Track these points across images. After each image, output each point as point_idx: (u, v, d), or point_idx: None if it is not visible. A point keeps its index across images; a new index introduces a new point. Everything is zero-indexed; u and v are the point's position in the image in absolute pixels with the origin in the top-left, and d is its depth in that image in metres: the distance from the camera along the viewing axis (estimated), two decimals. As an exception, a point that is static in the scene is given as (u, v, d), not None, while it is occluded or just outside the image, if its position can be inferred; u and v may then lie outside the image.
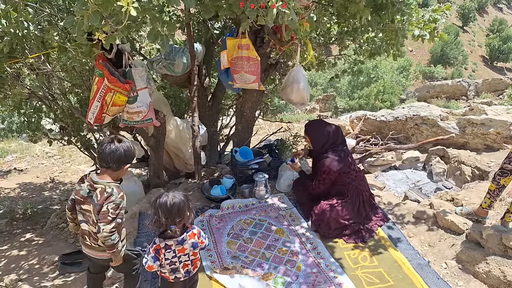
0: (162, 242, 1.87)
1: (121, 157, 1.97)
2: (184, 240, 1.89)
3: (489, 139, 5.00)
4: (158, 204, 1.83)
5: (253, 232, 3.05)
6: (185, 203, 1.85)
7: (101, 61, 2.84)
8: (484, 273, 2.55)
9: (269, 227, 3.10)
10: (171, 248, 1.87)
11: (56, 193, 5.77)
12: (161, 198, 1.84)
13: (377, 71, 15.98)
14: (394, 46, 3.61)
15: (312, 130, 3.12)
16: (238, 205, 3.31)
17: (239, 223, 3.13)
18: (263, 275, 2.61)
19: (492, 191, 2.95)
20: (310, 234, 3.02)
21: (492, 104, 11.55)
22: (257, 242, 2.93)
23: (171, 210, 1.80)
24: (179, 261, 1.92)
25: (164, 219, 1.80)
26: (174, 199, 1.82)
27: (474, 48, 39.01)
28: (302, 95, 3.19)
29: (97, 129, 3.99)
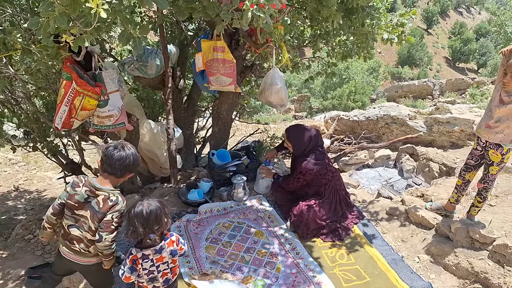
0: (139, 252, 1.81)
1: (129, 165, 1.92)
2: (163, 248, 1.85)
3: (454, 137, 5.23)
4: (133, 214, 1.76)
5: (232, 235, 3.04)
6: (161, 210, 1.81)
7: (69, 64, 2.74)
8: (453, 265, 2.66)
9: (248, 230, 3.10)
10: (148, 258, 1.83)
11: (21, 202, 5.50)
12: (136, 208, 1.77)
13: (349, 72, 16.36)
14: (364, 48, 3.71)
15: (293, 136, 3.13)
16: (216, 209, 3.29)
17: (217, 227, 3.11)
18: (243, 279, 2.60)
19: (459, 186, 3.09)
20: (288, 234, 3.05)
21: (455, 102, 12.07)
22: (236, 245, 2.93)
23: (148, 218, 1.75)
24: (158, 270, 1.88)
25: (141, 229, 1.74)
26: (150, 207, 1.77)
27: (438, 49, 40.73)
28: (281, 96, 3.21)
29: (64, 134, 3.84)
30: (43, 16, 1.81)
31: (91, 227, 1.88)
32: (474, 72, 36.54)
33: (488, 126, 2.69)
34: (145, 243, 1.83)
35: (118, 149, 1.89)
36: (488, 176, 2.82)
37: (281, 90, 3.13)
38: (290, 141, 3.14)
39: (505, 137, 2.62)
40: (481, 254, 2.64)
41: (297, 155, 3.15)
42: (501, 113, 2.60)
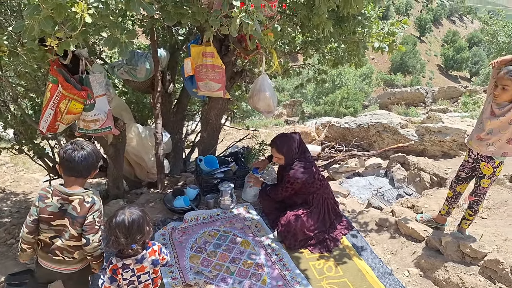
0: (120, 262, 1.76)
1: (93, 163, 1.89)
2: (144, 258, 1.79)
3: (446, 146, 5.23)
4: (114, 224, 1.70)
5: (217, 244, 2.97)
6: (143, 218, 1.76)
7: (56, 67, 2.67)
8: (444, 280, 2.62)
9: (234, 239, 3.03)
10: (129, 268, 1.77)
11: (6, 204, 5.38)
12: (117, 217, 1.71)
13: (341, 78, 16.41)
14: (355, 56, 3.69)
15: (284, 147, 3.05)
16: (202, 217, 3.22)
17: (202, 236, 3.04)
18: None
19: (450, 198, 3.06)
20: (276, 245, 2.99)
21: (448, 111, 12.16)
22: (221, 255, 2.86)
23: (131, 228, 1.69)
24: (139, 280, 1.82)
25: (123, 239, 1.69)
26: (132, 216, 1.72)
27: (431, 57, 41.16)
28: (268, 103, 3.15)
29: (51, 136, 3.75)
30: (28, 19, 1.75)
31: (73, 234, 1.84)
32: (467, 80, 36.99)
33: (479, 138, 2.67)
34: (126, 253, 1.77)
35: (77, 150, 1.83)
36: (479, 189, 2.79)
37: (268, 97, 3.08)
38: (280, 153, 3.06)
39: (497, 149, 2.60)
40: (472, 269, 2.60)
41: (287, 163, 3.09)
42: (492, 126, 2.57)
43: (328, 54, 3.98)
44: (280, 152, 3.06)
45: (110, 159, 3.52)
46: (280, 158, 3.10)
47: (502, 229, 3.07)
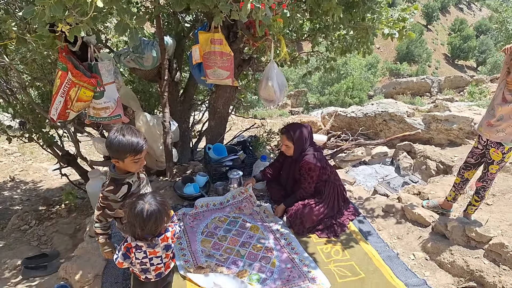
0: (133, 242, 1.80)
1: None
2: (156, 244, 1.82)
3: (452, 135, 5.22)
4: (133, 213, 1.72)
5: (227, 229, 3.02)
6: (162, 212, 1.75)
7: (65, 54, 2.70)
8: (449, 263, 2.66)
9: (244, 224, 3.08)
10: (141, 249, 1.81)
11: (17, 192, 5.48)
12: (137, 207, 1.72)
13: (347, 68, 16.29)
14: (364, 43, 3.67)
15: (296, 135, 3.01)
16: (213, 203, 3.27)
17: (213, 221, 3.10)
18: (238, 273, 2.58)
19: (457, 184, 3.09)
20: (284, 229, 3.03)
21: (453, 100, 12.07)
22: (231, 239, 2.91)
23: (148, 221, 1.71)
24: (151, 263, 1.86)
25: (139, 230, 1.72)
26: (151, 208, 1.72)
27: (437, 46, 40.64)
28: (269, 92, 3.12)
29: (60, 125, 3.80)
30: (38, 4, 1.76)
31: None
32: (473, 69, 36.55)
33: (489, 125, 2.68)
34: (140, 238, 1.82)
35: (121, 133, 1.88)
36: (487, 175, 2.82)
37: (270, 86, 3.04)
38: (291, 140, 3.03)
39: (506, 136, 2.61)
40: (477, 253, 2.64)
41: (296, 154, 3.07)
42: (503, 112, 2.58)
43: (337, 42, 3.95)
44: (290, 140, 3.02)
45: (120, 147, 3.56)
46: (289, 147, 3.06)
47: (507, 215, 3.09)
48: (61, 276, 2.55)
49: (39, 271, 2.79)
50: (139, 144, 1.88)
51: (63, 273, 2.54)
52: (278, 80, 2.98)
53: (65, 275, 2.53)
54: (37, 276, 2.75)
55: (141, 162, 1.95)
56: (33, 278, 2.74)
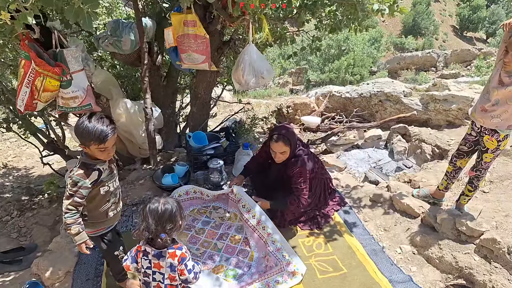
0: (143, 246, 1.74)
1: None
2: (163, 256, 1.71)
3: (451, 115, 4.99)
4: (148, 210, 1.68)
5: (205, 222, 2.92)
6: (177, 210, 1.72)
7: (27, 42, 2.52)
8: (437, 258, 2.53)
9: (224, 214, 2.97)
10: (148, 257, 1.73)
11: (8, 179, 5.42)
12: (151, 204, 1.69)
13: (348, 43, 15.79)
14: (355, 20, 3.44)
15: (292, 139, 2.73)
16: (193, 190, 3.10)
17: (191, 213, 2.99)
18: (213, 268, 2.50)
19: (449, 173, 2.92)
20: (263, 217, 2.81)
21: (459, 75, 11.70)
22: (209, 232, 2.82)
23: (163, 215, 1.67)
24: (153, 277, 1.75)
25: (154, 226, 1.65)
26: (166, 205, 1.70)
27: (445, 18, 39.32)
28: (238, 75, 2.87)
29: (37, 114, 3.65)
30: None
31: None
32: (483, 41, 35.42)
33: (483, 110, 2.46)
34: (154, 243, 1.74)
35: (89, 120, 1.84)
36: (481, 164, 2.63)
37: (240, 69, 2.82)
38: (288, 145, 2.71)
39: (502, 122, 2.39)
40: (467, 248, 2.50)
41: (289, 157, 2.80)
42: (499, 96, 2.35)
43: (327, 19, 3.71)
44: (288, 145, 2.71)
45: (97, 136, 3.42)
46: (285, 153, 2.75)
47: (504, 204, 2.93)
48: (34, 272, 2.50)
49: (14, 266, 2.74)
50: (103, 133, 1.81)
51: (35, 269, 2.49)
52: (254, 64, 2.76)
53: (37, 271, 2.48)
54: (12, 271, 2.69)
55: (108, 151, 1.91)
56: (8, 272, 2.68)
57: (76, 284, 2.36)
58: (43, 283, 2.40)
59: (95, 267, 2.48)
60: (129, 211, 3.00)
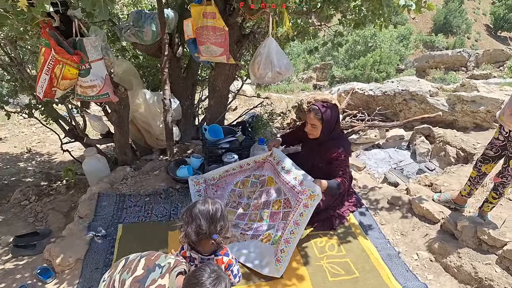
0: (188, 251, 1.72)
1: None
2: (210, 262, 1.69)
3: (479, 118, 4.76)
4: (197, 211, 1.63)
5: (250, 195, 2.96)
6: (224, 210, 1.69)
7: (48, 30, 2.55)
8: (455, 267, 2.41)
9: (264, 181, 2.93)
10: (194, 262, 1.72)
11: (31, 164, 5.58)
12: (200, 205, 1.64)
13: (376, 40, 15.39)
14: (380, 16, 3.31)
15: (328, 114, 2.64)
16: (232, 168, 3.03)
17: (235, 187, 2.99)
18: (262, 238, 2.57)
19: (473, 179, 2.78)
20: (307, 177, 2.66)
21: (491, 76, 11.20)
22: (254, 205, 2.85)
23: (214, 216, 1.63)
24: None
25: (206, 227, 1.60)
26: (216, 205, 1.66)
27: (479, 16, 37.77)
28: (253, 68, 2.82)
29: (58, 101, 3.71)
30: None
31: None
32: (518, 42, 33.84)
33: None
34: (198, 248, 1.70)
35: None
36: (507, 170, 2.49)
37: (256, 62, 2.75)
38: (320, 120, 2.63)
39: None
40: (488, 258, 2.36)
41: (321, 140, 2.72)
42: None
43: (351, 14, 3.59)
44: (320, 119, 2.62)
45: (115, 126, 3.46)
46: (315, 127, 2.67)
47: (530, 214, 2.76)
48: (45, 258, 2.53)
49: (28, 250, 2.78)
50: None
51: (47, 254, 2.52)
52: (272, 58, 2.68)
53: (49, 257, 2.51)
54: (26, 255, 2.74)
55: None
56: (22, 256, 2.73)
57: (86, 272, 2.37)
58: (53, 269, 2.43)
59: (104, 256, 2.50)
60: (142, 201, 3.01)
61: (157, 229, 2.75)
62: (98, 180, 3.25)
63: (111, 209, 2.93)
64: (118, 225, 2.77)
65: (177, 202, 3.04)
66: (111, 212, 2.90)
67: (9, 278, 2.46)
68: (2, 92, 4.05)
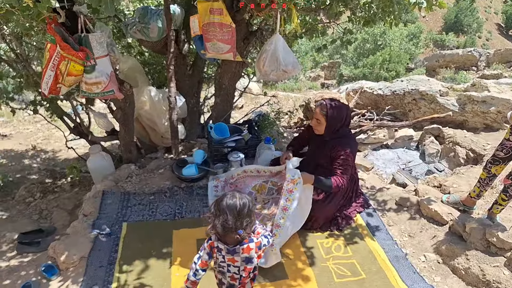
0: (216, 242, 1.71)
1: None
2: (236, 252, 1.68)
3: (489, 118, 4.67)
4: (225, 205, 1.62)
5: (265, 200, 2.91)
6: (252, 205, 1.68)
7: (53, 26, 2.54)
8: (463, 269, 2.36)
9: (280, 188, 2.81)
10: (221, 253, 1.71)
11: (36, 161, 5.59)
12: (228, 199, 1.63)
13: (385, 38, 15.23)
14: (391, 13, 3.24)
15: (333, 112, 2.60)
16: (250, 170, 3.04)
17: (252, 190, 2.96)
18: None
19: (483, 180, 2.72)
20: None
21: (502, 76, 11.01)
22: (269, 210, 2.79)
23: (242, 211, 1.61)
24: (228, 269, 1.74)
25: (232, 222, 1.60)
26: (243, 200, 1.64)
27: (490, 15, 37.23)
28: (259, 64, 2.78)
29: (63, 98, 3.72)
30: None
31: None
32: (530, 42, 33.26)
33: None
34: (226, 240, 1.69)
35: None
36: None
37: (262, 59, 2.71)
38: (325, 116, 2.60)
39: None
40: (497, 261, 2.31)
41: (326, 136, 2.68)
42: None
43: (361, 11, 3.53)
44: (324, 114, 2.59)
45: (120, 123, 3.44)
46: (320, 123, 2.64)
47: (542, 217, 2.69)
48: (50, 255, 2.52)
49: (33, 247, 2.78)
50: None
51: (52, 252, 2.51)
52: (278, 56, 2.63)
53: (53, 254, 2.50)
54: (30, 252, 2.73)
55: None
56: (26, 253, 2.73)
57: (90, 270, 2.35)
58: (58, 267, 2.41)
59: (109, 254, 2.48)
60: (147, 200, 2.98)
61: (162, 228, 2.72)
62: (103, 178, 3.24)
63: (116, 207, 2.90)
64: (123, 223, 2.75)
65: (182, 201, 3.00)
66: (116, 210, 2.87)
67: (14, 274, 2.46)
68: (7, 89, 4.04)
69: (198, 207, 2.95)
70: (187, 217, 2.85)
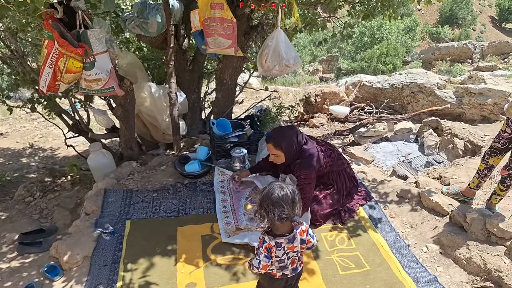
0: (273, 241, 1.72)
1: None
2: (295, 237, 1.74)
3: (486, 110, 4.70)
4: (279, 198, 1.64)
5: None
6: (298, 191, 1.73)
7: (51, 21, 2.50)
8: (464, 259, 2.40)
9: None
10: (281, 246, 1.74)
11: (34, 160, 5.53)
12: (278, 192, 1.66)
13: (382, 32, 15.23)
14: (390, 7, 3.25)
15: (284, 142, 2.58)
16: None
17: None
18: None
19: (481, 171, 2.75)
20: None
21: (496, 68, 11.07)
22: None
23: (294, 198, 1.67)
24: (288, 257, 1.78)
25: (288, 211, 1.64)
26: (289, 187, 1.70)
27: (484, 8, 37.31)
28: (261, 60, 2.77)
29: (61, 95, 3.68)
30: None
31: None
32: (523, 33, 33.40)
33: None
34: (276, 231, 1.73)
35: None
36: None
37: (264, 54, 2.70)
38: (279, 149, 2.59)
39: None
40: (497, 250, 2.35)
41: (288, 162, 2.68)
42: None
43: (360, 5, 3.53)
44: (279, 148, 2.59)
45: (120, 120, 3.42)
46: (278, 156, 2.64)
47: (540, 206, 2.73)
48: (52, 255, 2.50)
49: (34, 248, 2.72)
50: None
51: (54, 252, 2.49)
52: (279, 51, 2.63)
53: (56, 254, 2.48)
54: (32, 253, 2.69)
55: None
56: (28, 254, 2.69)
57: (94, 269, 2.33)
58: (61, 267, 2.39)
59: (113, 253, 2.46)
60: (150, 197, 2.98)
61: (166, 225, 2.72)
62: (104, 176, 3.22)
63: (118, 205, 2.89)
64: (126, 221, 2.73)
65: (186, 198, 3.00)
66: (118, 208, 2.86)
67: (16, 276, 2.42)
68: (1, 86, 3.98)
69: (202, 203, 2.95)
70: (191, 214, 2.85)
